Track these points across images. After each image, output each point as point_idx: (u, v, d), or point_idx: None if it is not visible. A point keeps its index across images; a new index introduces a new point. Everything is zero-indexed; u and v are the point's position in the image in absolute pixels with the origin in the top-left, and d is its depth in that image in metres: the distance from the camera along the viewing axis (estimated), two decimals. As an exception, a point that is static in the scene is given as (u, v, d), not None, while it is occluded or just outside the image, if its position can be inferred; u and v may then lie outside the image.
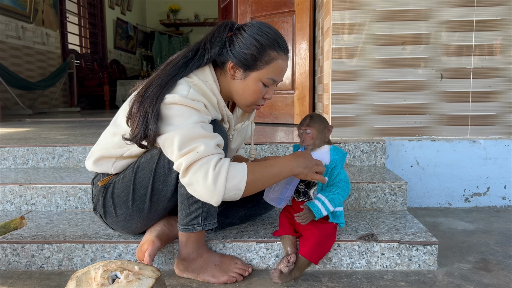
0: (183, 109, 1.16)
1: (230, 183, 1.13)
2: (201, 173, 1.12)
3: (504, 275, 1.35)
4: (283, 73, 1.31)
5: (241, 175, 1.14)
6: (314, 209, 1.27)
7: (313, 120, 1.34)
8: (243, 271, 1.33)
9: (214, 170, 1.12)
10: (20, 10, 5.68)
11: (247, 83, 1.27)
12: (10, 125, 3.63)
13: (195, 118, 1.16)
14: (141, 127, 1.15)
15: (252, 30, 1.25)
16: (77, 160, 2.11)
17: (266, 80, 1.27)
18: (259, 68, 1.25)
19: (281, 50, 1.27)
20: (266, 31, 1.25)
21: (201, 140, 1.14)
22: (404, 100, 2.14)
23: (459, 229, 1.81)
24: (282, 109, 3.08)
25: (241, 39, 1.25)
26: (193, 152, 1.13)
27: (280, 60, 1.27)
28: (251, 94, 1.29)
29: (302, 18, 2.89)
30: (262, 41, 1.24)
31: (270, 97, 1.32)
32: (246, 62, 1.25)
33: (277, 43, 1.26)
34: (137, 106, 1.18)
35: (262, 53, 1.24)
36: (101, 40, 8.33)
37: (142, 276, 1.00)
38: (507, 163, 2.12)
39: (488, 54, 2.09)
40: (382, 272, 1.37)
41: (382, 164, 2.05)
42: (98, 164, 1.35)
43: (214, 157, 1.14)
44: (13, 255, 1.42)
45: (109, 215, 1.36)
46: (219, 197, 1.13)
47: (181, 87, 1.19)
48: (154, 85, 1.19)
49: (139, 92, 1.21)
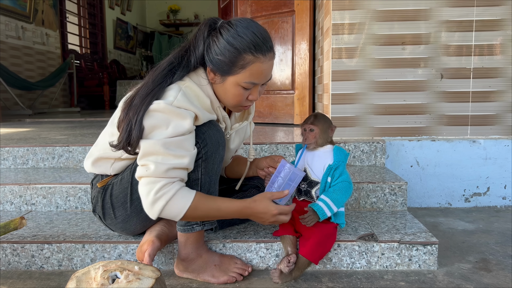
0: (163, 118, 1.15)
1: (167, 211, 1.15)
2: (145, 190, 1.15)
3: (504, 275, 1.35)
4: (264, 75, 1.24)
5: (180, 208, 1.16)
6: (318, 211, 1.27)
7: (317, 119, 1.34)
8: (243, 271, 1.33)
9: (156, 194, 1.13)
10: (20, 10, 5.67)
11: (225, 87, 1.24)
12: (10, 125, 3.62)
13: (171, 131, 1.14)
14: (124, 135, 1.16)
15: (228, 33, 1.20)
16: (77, 160, 2.11)
17: (245, 84, 1.22)
18: (235, 73, 1.21)
19: (258, 53, 1.19)
20: (243, 34, 1.19)
21: (154, 158, 1.13)
22: (404, 100, 2.14)
23: (459, 229, 1.81)
24: (282, 109, 3.07)
25: (217, 43, 1.20)
26: (144, 167, 1.15)
27: (258, 63, 1.20)
28: (231, 97, 1.26)
29: (302, 18, 2.89)
30: (236, 45, 1.18)
31: (255, 98, 1.27)
32: (221, 68, 1.21)
33: (254, 46, 1.18)
34: (123, 115, 1.18)
35: (236, 58, 1.19)
36: (101, 40, 8.33)
37: (142, 276, 1.00)
38: (507, 163, 2.12)
39: (488, 54, 2.09)
40: (382, 272, 1.37)
41: (382, 164, 2.05)
42: (97, 165, 1.35)
43: (161, 181, 1.13)
44: (13, 255, 1.42)
45: (108, 216, 1.36)
46: (154, 216, 1.16)
47: (170, 93, 1.18)
48: (140, 94, 1.18)
49: (127, 101, 1.21)
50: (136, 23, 9.83)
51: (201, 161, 1.22)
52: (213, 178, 1.26)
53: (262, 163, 1.42)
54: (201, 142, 1.21)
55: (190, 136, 1.18)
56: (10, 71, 5.05)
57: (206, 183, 1.25)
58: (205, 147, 1.22)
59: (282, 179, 1.27)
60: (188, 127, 1.15)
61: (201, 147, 1.21)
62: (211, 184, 1.26)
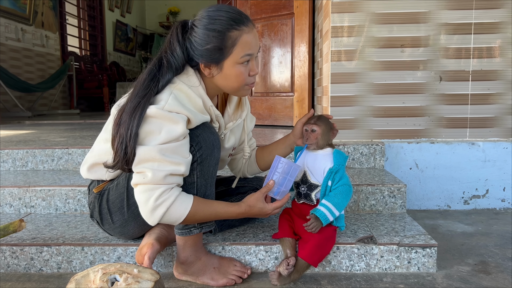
0: (155, 123, 1.14)
1: (166, 217, 1.16)
2: (143, 197, 1.15)
3: (503, 278, 1.35)
4: (254, 44, 1.23)
5: (180, 214, 1.17)
6: (321, 217, 1.26)
7: (320, 120, 1.35)
8: (242, 273, 1.33)
9: (156, 201, 1.13)
10: (19, 12, 5.68)
11: (225, 73, 1.23)
12: (9, 127, 3.63)
13: (164, 136, 1.13)
14: (120, 153, 1.14)
15: (203, 22, 1.19)
16: (76, 163, 2.11)
17: (242, 59, 1.21)
18: (228, 54, 1.20)
19: (241, 25, 1.19)
20: (217, 16, 1.19)
21: (150, 165, 1.13)
22: (403, 103, 2.14)
23: (458, 231, 1.81)
24: (281, 111, 3.08)
25: (197, 36, 1.19)
26: (141, 174, 1.15)
27: (245, 35, 1.20)
28: (235, 80, 1.25)
29: (301, 20, 2.90)
30: (217, 28, 1.17)
31: (256, 71, 1.27)
32: (213, 56, 1.20)
33: (233, 21, 1.19)
34: (115, 132, 1.17)
35: (223, 40, 1.18)
36: (101, 42, 8.34)
37: (141, 279, 1.00)
38: (506, 165, 2.12)
39: (487, 56, 2.09)
40: (381, 274, 1.37)
41: (381, 166, 2.06)
42: (93, 171, 1.35)
43: (160, 188, 1.13)
44: (12, 257, 1.42)
45: (106, 221, 1.36)
46: (154, 223, 1.17)
47: (161, 96, 1.17)
48: (127, 110, 1.16)
49: (117, 117, 1.19)
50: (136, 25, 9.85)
51: (196, 164, 1.21)
52: (209, 181, 1.26)
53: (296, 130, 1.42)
54: (196, 145, 1.21)
55: (185, 141, 1.18)
56: (10, 73, 5.06)
57: (202, 186, 1.24)
58: (199, 150, 1.21)
59: (279, 173, 1.27)
60: (181, 131, 1.15)
61: (196, 150, 1.21)
62: (207, 187, 1.26)
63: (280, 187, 1.28)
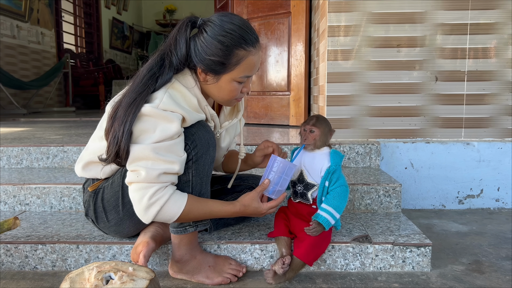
0: (150, 122, 1.14)
1: (160, 216, 1.16)
2: (137, 196, 1.15)
3: (497, 277, 1.36)
4: (256, 66, 1.25)
5: (174, 213, 1.17)
6: (324, 223, 1.27)
7: (319, 121, 1.35)
8: (237, 272, 1.33)
9: (150, 200, 1.13)
10: (15, 9, 5.65)
11: (220, 85, 1.24)
12: (4, 125, 3.60)
13: (158, 135, 1.13)
14: (113, 148, 1.14)
15: (213, 30, 1.18)
16: (72, 160, 2.10)
17: (240, 79, 1.23)
18: (229, 70, 1.21)
19: (249, 46, 1.20)
20: (230, 29, 1.17)
21: (144, 164, 1.13)
22: (399, 102, 2.15)
23: (453, 231, 1.82)
24: (277, 110, 3.08)
25: (204, 42, 1.18)
26: (135, 173, 1.14)
27: (251, 56, 1.21)
28: (227, 94, 1.26)
29: (298, 19, 2.90)
30: (226, 42, 1.17)
31: (249, 89, 1.30)
32: (214, 68, 1.20)
33: (244, 40, 1.18)
34: (109, 126, 1.17)
35: (229, 56, 1.18)
36: (97, 40, 8.30)
37: (136, 277, 0.99)
38: (500, 165, 2.14)
39: (483, 57, 2.10)
40: (376, 273, 1.38)
41: (376, 166, 2.06)
42: (87, 170, 1.34)
43: (154, 186, 1.13)
44: (7, 255, 1.41)
45: (101, 220, 1.36)
46: (148, 221, 1.17)
47: (156, 95, 1.17)
48: (123, 105, 1.16)
49: (112, 111, 1.19)
50: (132, 23, 9.81)
51: (192, 163, 1.21)
52: (204, 180, 1.26)
53: (256, 158, 1.43)
54: (191, 143, 1.20)
55: (180, 140, 1.17)
56: (4, 70, 5.03)
57: (198, 185, 1.24)
58: (195, 148, 1.21)
59: (274, 173, 1.27)
60: (176, 130, 1.15)
61: (191, 148, 1.20)
62: (203, 185, 1.26)
63: (276, 186, 1.28)
